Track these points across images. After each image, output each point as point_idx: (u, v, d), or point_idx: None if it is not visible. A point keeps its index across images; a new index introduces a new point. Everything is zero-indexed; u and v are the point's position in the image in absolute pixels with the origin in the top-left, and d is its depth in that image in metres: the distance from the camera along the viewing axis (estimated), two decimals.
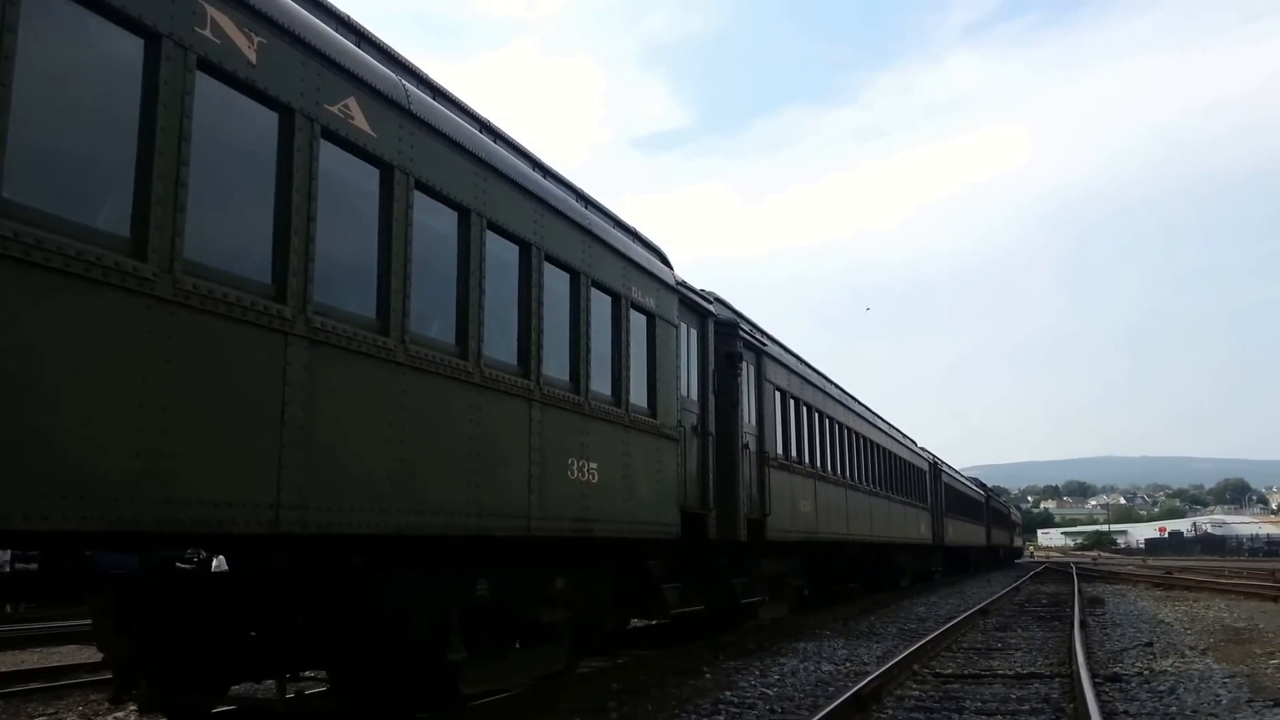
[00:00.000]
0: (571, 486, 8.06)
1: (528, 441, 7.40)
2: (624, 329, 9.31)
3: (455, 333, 6.69)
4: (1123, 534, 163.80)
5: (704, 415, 11.65)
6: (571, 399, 8.15)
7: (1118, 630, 16.09)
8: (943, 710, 8.67)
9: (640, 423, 9.55)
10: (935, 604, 23.13)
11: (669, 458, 10.27)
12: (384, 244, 5.94)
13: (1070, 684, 9.78)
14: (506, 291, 7.51)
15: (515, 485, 7.19)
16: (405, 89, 6.16)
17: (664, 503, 10.04)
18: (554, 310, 8.11)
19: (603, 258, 8.93)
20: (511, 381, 7.20)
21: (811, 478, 16.75)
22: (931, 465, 34.95)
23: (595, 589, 9.46)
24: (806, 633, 15.47)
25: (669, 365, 10.47)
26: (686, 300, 11.26)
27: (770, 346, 14.80)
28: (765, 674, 10.77)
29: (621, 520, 9.00)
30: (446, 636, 6.91)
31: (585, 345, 8.47)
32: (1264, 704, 8.46)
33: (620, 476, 9.03)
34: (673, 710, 8.49)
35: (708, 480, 11.52)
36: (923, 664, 11.64)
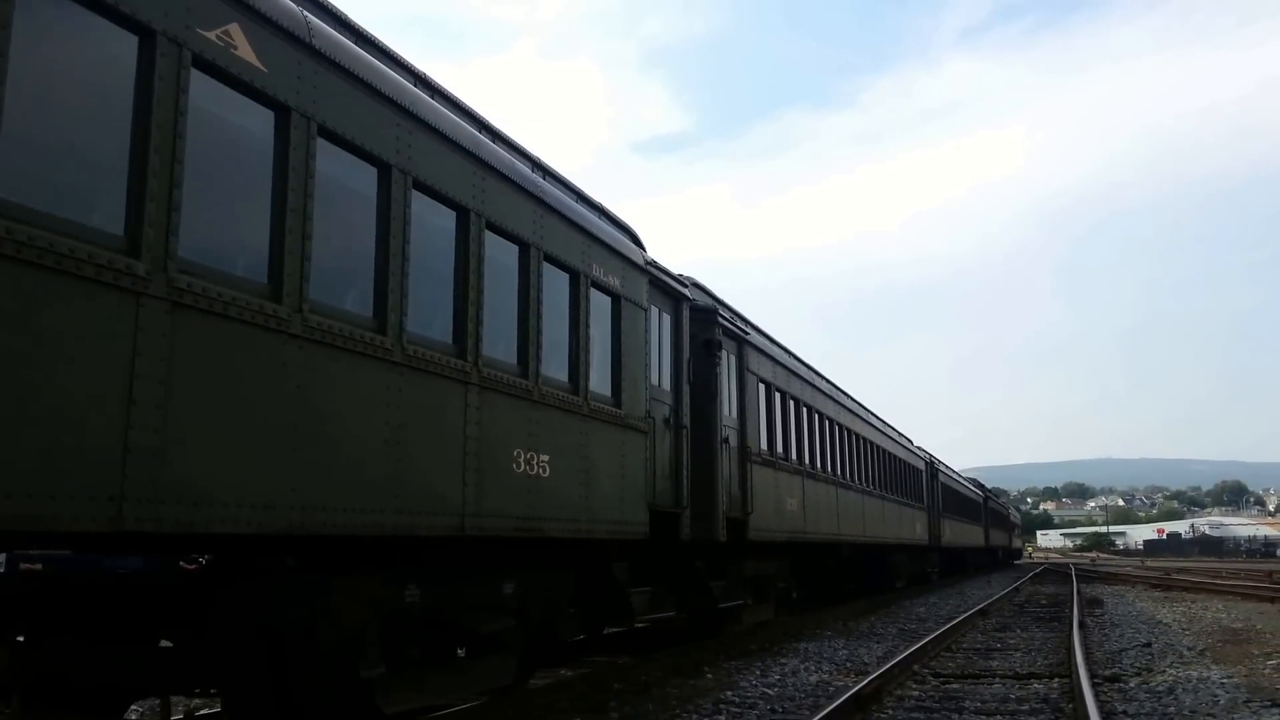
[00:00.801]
0: (517, 481, 7.24)
1: (462, 430, 6.58)
2: (583, 310, 8.49)
3: (372, 304, 5.87)
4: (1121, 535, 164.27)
5: (678, 406, 10.83)
6: (518, 384, 7.33)
7: (1116, 631, 16.04)
8: (942, 710, 8.62)
9: (602, 412, 8.73)
10: (935, 604, 22.95)
11: (636, 451, 9.45)
12: (278, 196, 5.12)
13: (1069, 684, 9.74)
14: (439, 262, 6.70)
15: (446, 479, 6.38)
16: (306, 20, 5.34)
17: (630, 500, 9.23)
18: (498, 285, 7.29)
19: (558, 230, 8.11)
20: (442, 362, 6.38)
21: (799, 475, 15.93)
22: (928, 464, 34.14)
23: (551, 594, 8.65)
24: (807, 633, 15.37)
25: (636, 351, 9.65)
26: (658, 282, 10.44)
27: (753, 335, 13.97)
28: (766, 674, 10.68)
29: (578, 519, 8.19)
30: (361, 649, 6.10)
31: (536, 325, 7.65)
32: (1261, 704, 8.45)
33: (577, 471, 8.22)
34: (674, 710, 8.41)
35: (681, 476, 10.71)
36: (923, 664, 11.57)
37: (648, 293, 10.04)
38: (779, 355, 15.45)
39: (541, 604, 8.48)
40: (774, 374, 14.84)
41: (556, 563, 8.77)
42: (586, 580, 9.59)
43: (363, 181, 5.90)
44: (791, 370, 16.05)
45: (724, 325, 12.44)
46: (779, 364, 15.24)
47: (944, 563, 39.40)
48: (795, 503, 15.51)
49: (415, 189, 6.22)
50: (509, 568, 7.92)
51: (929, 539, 32.37)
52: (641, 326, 9.83)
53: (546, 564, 8.57)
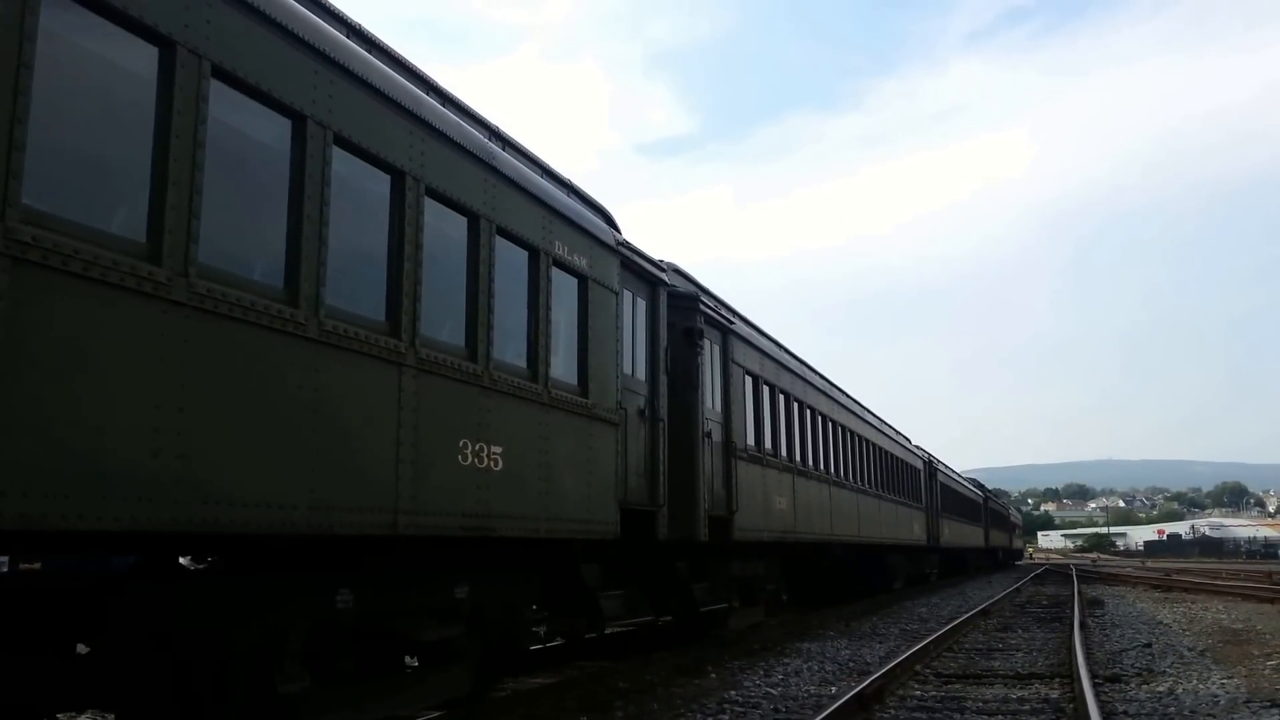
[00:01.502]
0: (464, 475, 6.55)
1: (395, 417, 5.90)
2: (543, 290, 7.81)
3: (284, 274, 5.19)
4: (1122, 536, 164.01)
5: (654, 398, 10.15)
6: (465, 368, 6.64)
7: (1117, 631, 16.03)
8: (944, 710, 8.60)
9: (565, 402, 8.05)
10: (937, 605, 22.82)
11: (605, 445, 8.77)
12: (161, 142, 4.44)
13: (1070, 684, 9.74)
14: (369, 230, 6.02)
15: (374, 471, 5.69)
16: None
17: (598, 497, 8.55)
18: (441, 260, 6.62)
19: (514, 203, 7.43)
20: (370, 340, 5.69)
21: (789, 472, 15.24)
22: (926, 463, 33.45)
23: (511, 599, 7.97)
24: (810, 633, 15.38)
25: (606, 338, 8.97)
26: (632, 265, 9.76)
27: (738, 325, 13.28)
28: (769, 673, 10.68)
29: (538, 517, 7.50)
30: (280, 661, 5.42)
31: (487, 305, 6.97)
32: (1261, 705, 8.47)
33: (536, 465, 7.54)
34: (678, 709, 8.40)
35: (658, 472, 10.02)
36: (925, 664, 11.56)
37: (619, 275, 9.36)
38: (767, 347, 14.76)
39: (500, 609, 7.81)
40: (762, 366, 14.15)
41: (518, 564, 8.10)
42: (553, 583, 8.92)
43: (271, 134, 5.22)
44: (781, 363, 15.35)
45: (706, 313, 11.76)
46: (767, 356, 14.55)
47: (943, 564, 38.73)
48: (785, 501, 14.82)
49: (337, 145, 5.53)
50: (462, 570, 7.25)
51: (927, 539, 31.67)
52: (612, 311, 9.15)
53: (506, 566, 7.90)
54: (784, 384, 15.37)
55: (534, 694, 8.53)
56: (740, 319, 13.82)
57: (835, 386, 20.44)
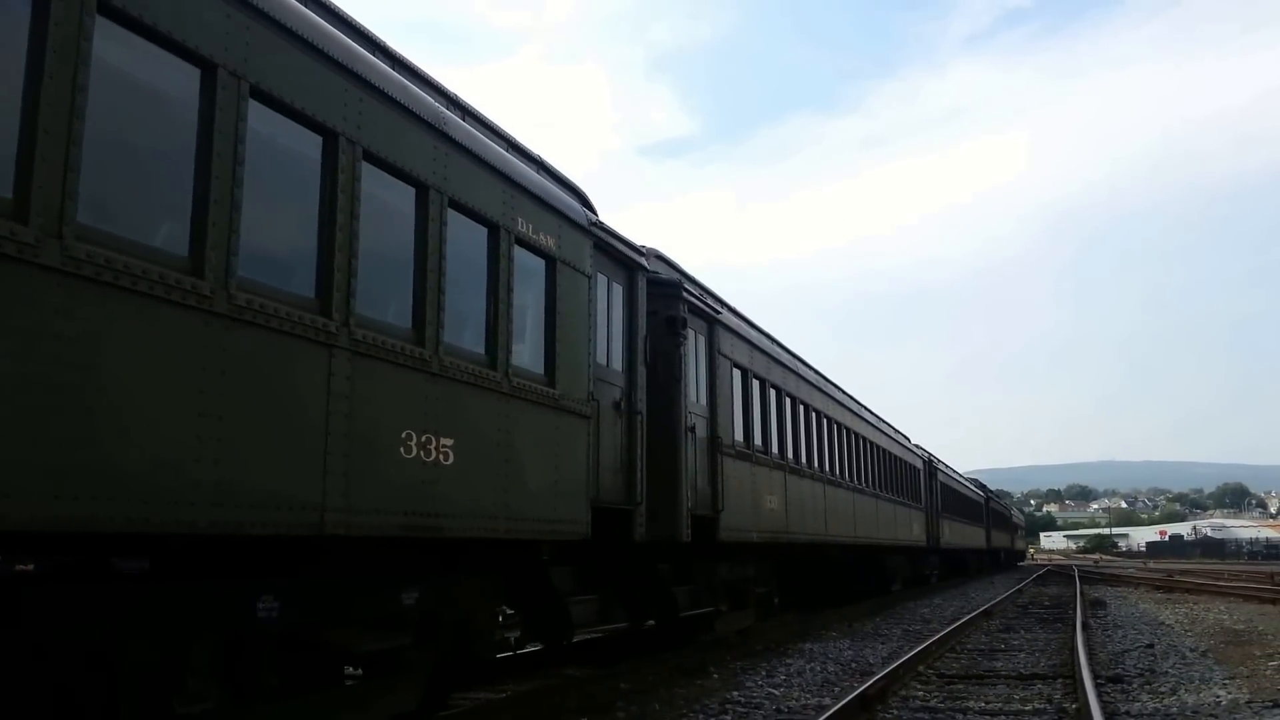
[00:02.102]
0: (408, 470, 5.95)
1: (323, 403, 5.29)
2: (504, 270, 7.20)
3: (188, 240, 4.59)
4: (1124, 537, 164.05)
5: (631, 389, 9.54)
6: (410, 352, 6.04)
7: (1119, 632, 16.09)
8: (947, 710, 8.59)
9: (529, 391, 7.44)
10: (940, 605, 22.90)
11: (575, 439, 8.17)
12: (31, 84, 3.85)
13: (1073, 685, 9.75)
14: (296, 197, 5.43)
15: (295, 464, 5.08)
16: None
17: (566, 495, 7.94)
18: (383, 232, 6.02)
19: (471, 175, 6.82)
20: (293, 318, 5.09)
21: (780, 470, 14.62)
22: (926, 463, 32.84)
23: (470, 605, 7.37)
24: (812, 634, 15.37)
25: (577, 324, 8.37)
26: (607, 248, 9.15)
27: (725, 315, 12.66)
28: (772, 674, 10.68)
29: (495, 516, 6.89)
30: (181, 678, 4.82)
31: (437, 285, 6.36)
32: (1263, 705, 8.49)
33: (495, 460, 6.93)
34: (680, 710, 8.36)
35: (635, 469, 9.41)
36: (927, 664, 11.55)
37: (593, 258, 8.75)
38: (757, 339, 14.14)
39: (456, 617, 7.21)
40: (751, 359, 13.54)
41: (478, 568, 7.50)
42: (519, 588, 8.32)
43: (176, 81, 4.61)
44: (772, 356, 14.74)
45: (690, 301, 11.15)
46: (757, 349, 13.93)
47: (943, 565, 38.12)
48: (776, 500, 14.21)
49: (254, 99, 4.93)
50: (412, 574, 6.65)
51: (927, 540, 31.06)
52: (584, 296, 8.54)
53: (463, 569, 7.30)
54: (775, 378, 14.75)
55: (537, 694, 8.51)
56: (728, 309, 13.22)
57: (830, 382, 19.83)
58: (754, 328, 14.45)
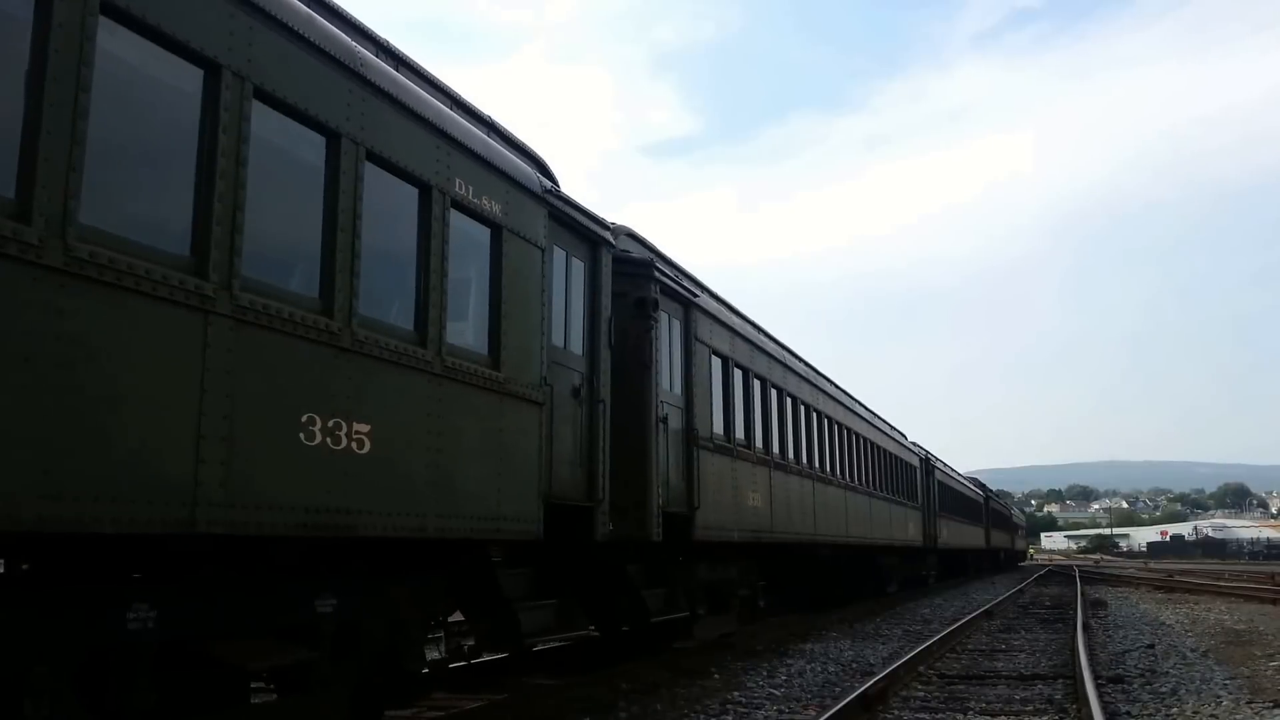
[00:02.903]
0: (310, 459, 5.17)
1: (198, 380, 4.50)
2: (437, 236, 6.41)
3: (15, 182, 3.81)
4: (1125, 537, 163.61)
5: (593, 375, 8.75)
6: (314, 323, 5.25)
7: (1120, 632, 16.07)
8: (948, 710, 8.56)
9: (468, 374, 6.66)
10: (940, 606, 22.82)
11: (524, 428, 7.39)
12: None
13: (1073, 685, 9.72)
14: (169, 139, 4.65)
15: (158, 451, 4.31)
16: None
17: (513, 490, 7.16)
18: (280, 184, 5.26)
19: (394, 126, 6.04)
20: (157, 277, 4.31)
21: (765, 466, 13.84)
22: (923, 461, 32.05)
23: (400, 613, 6.59)
24: (813, 634, 15.33)
25: (528, 301, 7.59)
26: (566, 219, 8.36)
27: (703, 299, 11.87)
28: (773, 674, 10.65)
29: (423, 514, 6.11)
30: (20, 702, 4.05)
31: (349, 247, 5.58)
32: (1264, 705, 8.47)
33: (423, 450, 6.15)
34: (681, 710, 8.34)
35: (597, 461, 8.63)
36: (928, 665, 11.51)
37: (548, 229, 7.96)
38: (739, 326, 13.34)
39: (384, 626, 6.43)
40: (733, 347, 12.75)
41: (411, 571, 6.73)
42: (465, 593, 7.56)
43: None
44: (756, 345, 13.94)
45: (663, 282, 10.36)
46: (740, 336, 13.14)
47: (941, 565, 37.36)
48: (759, 497, 13.43)
49: (104, 15, 4.15)
50: (328, 579, 5.88)
51: (924, 540, 30.28)
52: (538, 271, 7.76)
53: (394, 573, 6.53)
54: (760, 368, 13.96)
55: (540, 694, 8.44)
56: (706, 292, 12.42)
57: (821, 375, 19.04)
58: (736, 314, 13.66)
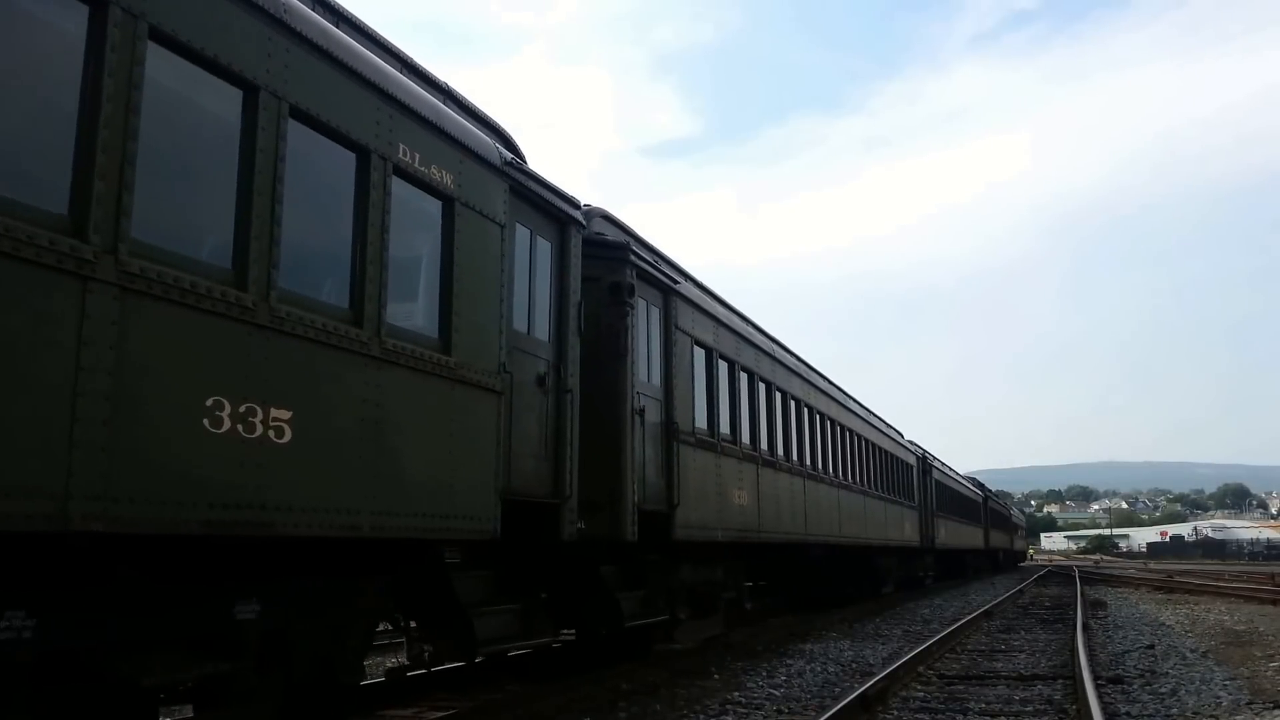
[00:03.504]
0: (216, 448, 4.59)
1: (72, 355, 3.93)
2: (376, 206, 5.83)
3: None
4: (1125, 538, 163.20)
5: (561, 363, 8.18)
6: (222, 296, 4.67)
7: (1120, 633, 16.02)
8: (947, 711, 8.54)
9: (413, 358, 6.08)
10: (940, 606, 22.73)
11: (479, 418, 6.81)
12: None
13: (1073, 685, 9.70)
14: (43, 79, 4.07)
15: (23, 436, 3.73)
16: None
17: (466, 485, 6.59)
18: (180, 137, 4.69)
19: (325, 81, 5.46)
20: (20, 236, 3.74)
21: (752, 462, 13.26)
22: (920, 459, 31.47)
23: (338, 619, 6.02)
24: (813, 634, 15.30)
25: (485, 281, 7.01)
26: (529, 195, 7.78)
27: (685, 286, 11.29)
28: (772, 674, 10.64)
29: (356, 510, 5.53)
30: None
31: (269, 214, 5.00)
32: (1264, 706, 8.44)
33: (359, 440, 5.57)
34: (681, 710, 8.32)
35: (565, 455, 8.05)
36: (928, 665, 11.47)
37: (509, 205, 7.39)
38: (725, 316, 12.76)
39: (319, 634, 5.86)
40: (717, 337, 12.17)
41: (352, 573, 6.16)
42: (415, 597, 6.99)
43: None
44: (742, 336, 13.35)
45: (640, 267, 9.78)
46: (725, 326, 12.55)
47: (939, 566, 36.79)
48: (746, 495, 12.85)
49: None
50: (251, 582, 5.31)
51: (920, 540, 29.70)
52: (496, 249, 7.18)
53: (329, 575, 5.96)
54: (746, 360, 13.38)
55: (538, 694, 8.36)
56: (688, 279, 11.84)
57: (813, 370, 18.46)
58: (721, 303, 13.07)
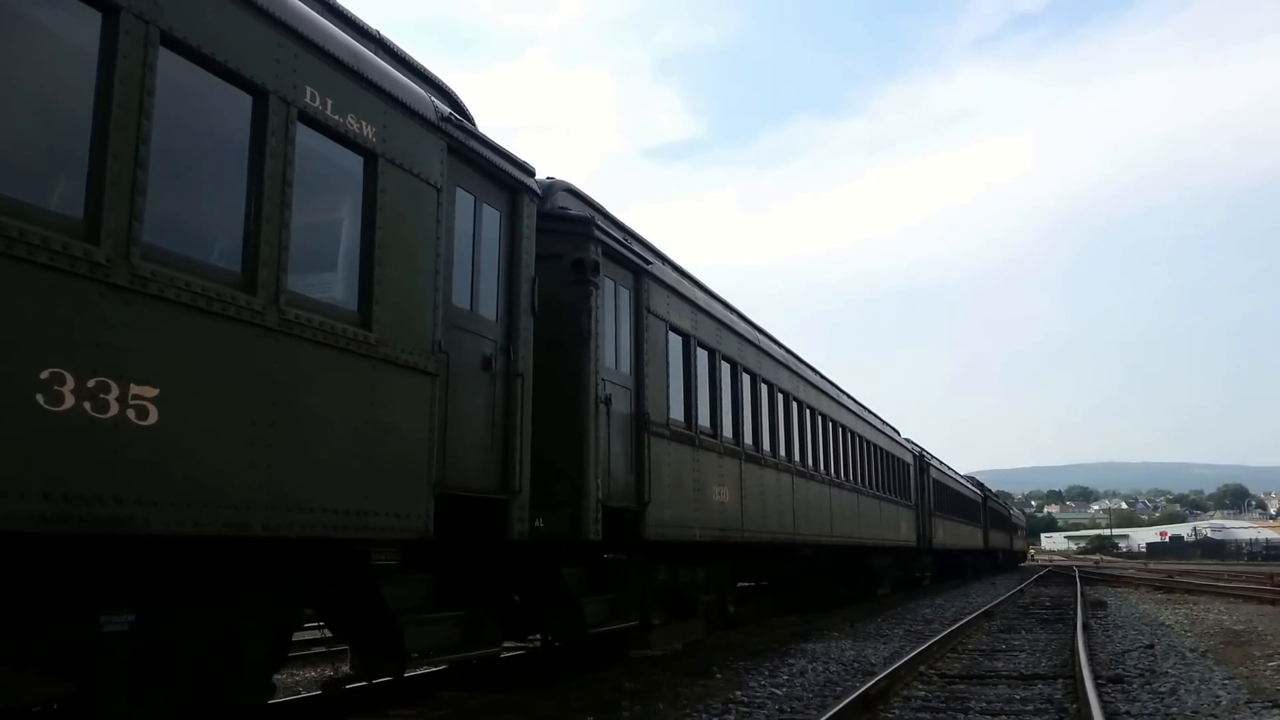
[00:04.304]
0: (55, 429, 3.83)
1: None
2: (276, 156, 5.06)
3: None
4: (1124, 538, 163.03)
5: (511, 344, 7.41)
6: (64, 249, 3.92)
7: (1120, 632, 16.03)
8: (948, 710, 8.54)
9: (322, 331, 5.32)
10: (941, 606, 22.65)
11: (408, 402, 6.05)
12: None
13: (1073, 685, 9.72)
14: None
15: None
16: None
17: (390, 478, 5.82)
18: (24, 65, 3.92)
19: (210, 8, 4.70)
20: None
21: (735, 457, 12.50)
22: (917, 458, 30.71)
23: (231, 631, 5.25)
24: (814, 634, 15.28)
25: (416, 249, 6.24)
26: (473, 157, 7.01)
27: (659, 267, 10.51)
28: (774, 674, 10.62)
29: (242, 504, 4.76)
30: None
31: (132, 157, 4.23)
32: (1262, 705, 8.48)
33: (250, 423, 4.81)
34: (684, 709, 8.32)
35: (515, 446, 7.27)
36: (929, 665, 11.47)
37: (447, 166, 6.61)
38: (704, 302, 11.98)
39: (203, 649, 5.10)
40: (695, 324, 11.39)
41: (254, 578, 5.40)
42: (336, 604, 6.23)
43: None
44: (724, 324, 12.58)
45: (606, 244, 9.02)
46: (704, 312, 11.78)
47: (936, 566, 36.05)
48: (727, 492, 12.09)
49: None
50: (122, 589, 4.56)
51: (917, 540, 28.96)
52: (431, 214, 6.41)
53: (226, 581, 5.20)
54: (729, 350, 12.62)
55: (541, 693, 8.30)
56: (664, 260, 11.08)
57: (803, 363, 17.69)
58: (701, 288, 12.30)
